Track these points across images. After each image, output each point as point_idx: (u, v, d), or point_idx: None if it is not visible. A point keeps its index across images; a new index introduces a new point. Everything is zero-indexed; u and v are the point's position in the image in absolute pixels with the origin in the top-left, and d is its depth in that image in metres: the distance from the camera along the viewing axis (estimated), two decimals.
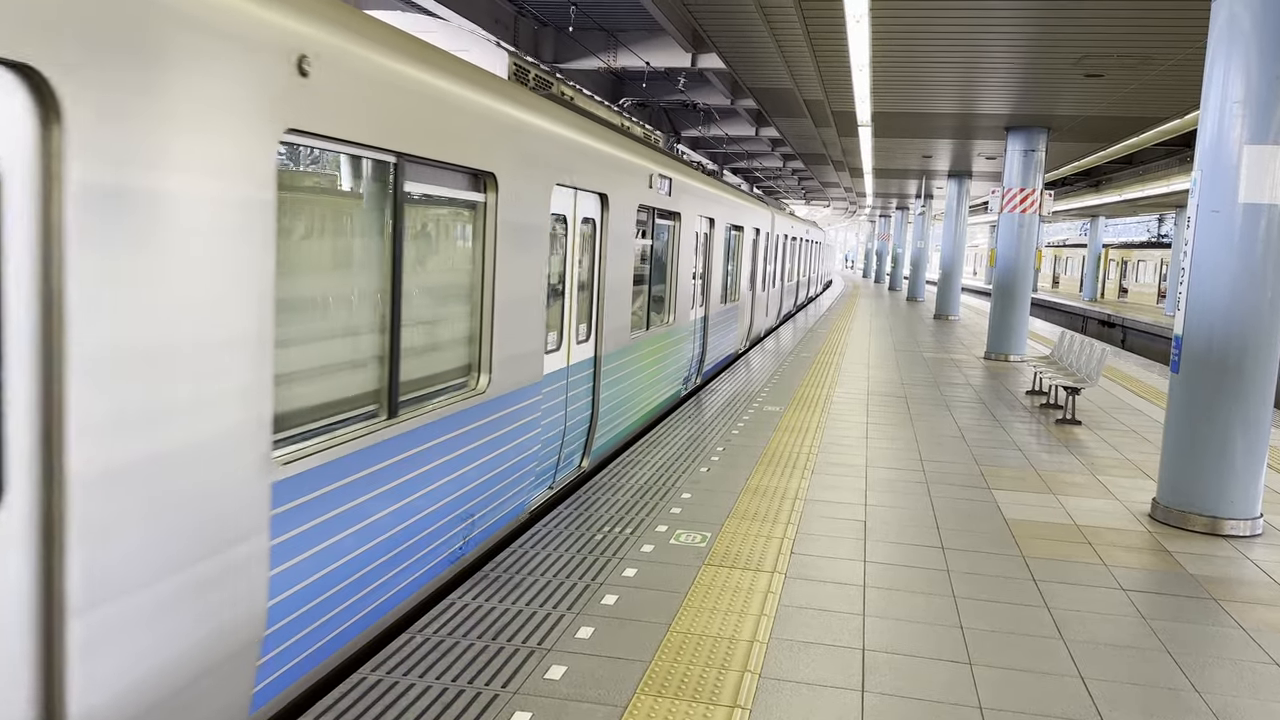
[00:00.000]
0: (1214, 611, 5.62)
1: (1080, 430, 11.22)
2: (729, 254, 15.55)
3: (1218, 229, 7.15)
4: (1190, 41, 10.90)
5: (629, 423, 9.57)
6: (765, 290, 21.30)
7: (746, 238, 17.23)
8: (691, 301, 12.54)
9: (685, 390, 12.88)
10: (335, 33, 3.78)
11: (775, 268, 22.75)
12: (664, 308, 11.05)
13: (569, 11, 15.95)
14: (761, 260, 20.30)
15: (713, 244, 13.90)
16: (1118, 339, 36.97)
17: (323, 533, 3.99)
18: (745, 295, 18.28)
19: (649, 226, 9.91)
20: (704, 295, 13.63)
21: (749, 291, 18.58)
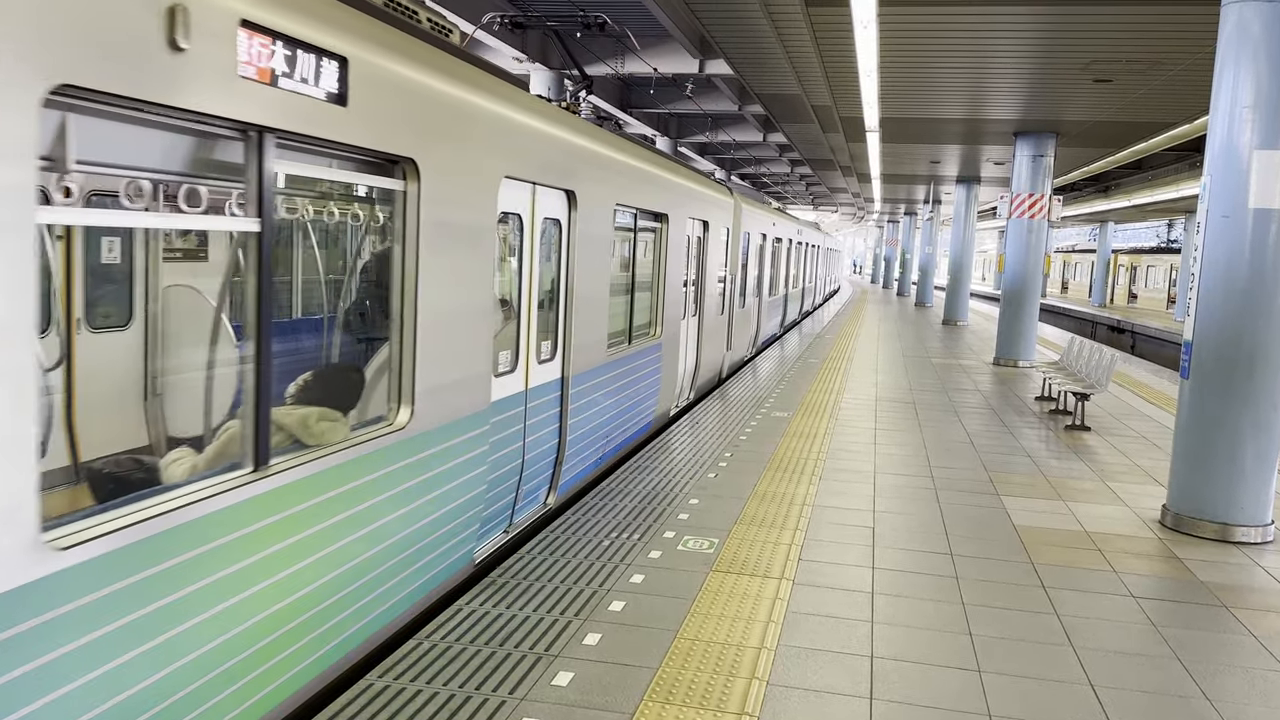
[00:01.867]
0: (1224, 619, 5.59)
1: (1089, 436, 11.17)
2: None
3: (1228, 234, 7.12)
4: (1199, 46, 10.87)
5: (607, 450, 8.55)
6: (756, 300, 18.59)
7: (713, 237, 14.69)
8: (683, 311, 11.54)
9: (676, 408, 11.94)
10: None
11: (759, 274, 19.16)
12: (652, 319, 10.12)
13: (577, 18, 15.96)
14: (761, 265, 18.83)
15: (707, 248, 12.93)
16: (1127, 345, 36.84)
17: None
18: (751, 302, 17.37)
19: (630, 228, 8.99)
20: (698, 303, 12.58)
21: (752, 299, 17.28)
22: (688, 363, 12.30)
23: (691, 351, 12.54)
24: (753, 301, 18.28)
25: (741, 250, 15.67)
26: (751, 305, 18.16)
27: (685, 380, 12.27)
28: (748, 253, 16.82)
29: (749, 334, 18.18)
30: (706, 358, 13.47)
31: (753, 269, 17.80)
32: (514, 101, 5.66)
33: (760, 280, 18.81)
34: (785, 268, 22.90)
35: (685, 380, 12.27)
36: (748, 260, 16.84)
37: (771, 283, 20.51)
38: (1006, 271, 18.81)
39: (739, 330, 16.59)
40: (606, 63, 18.04)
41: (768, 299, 20.28)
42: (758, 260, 18.56)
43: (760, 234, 18.10)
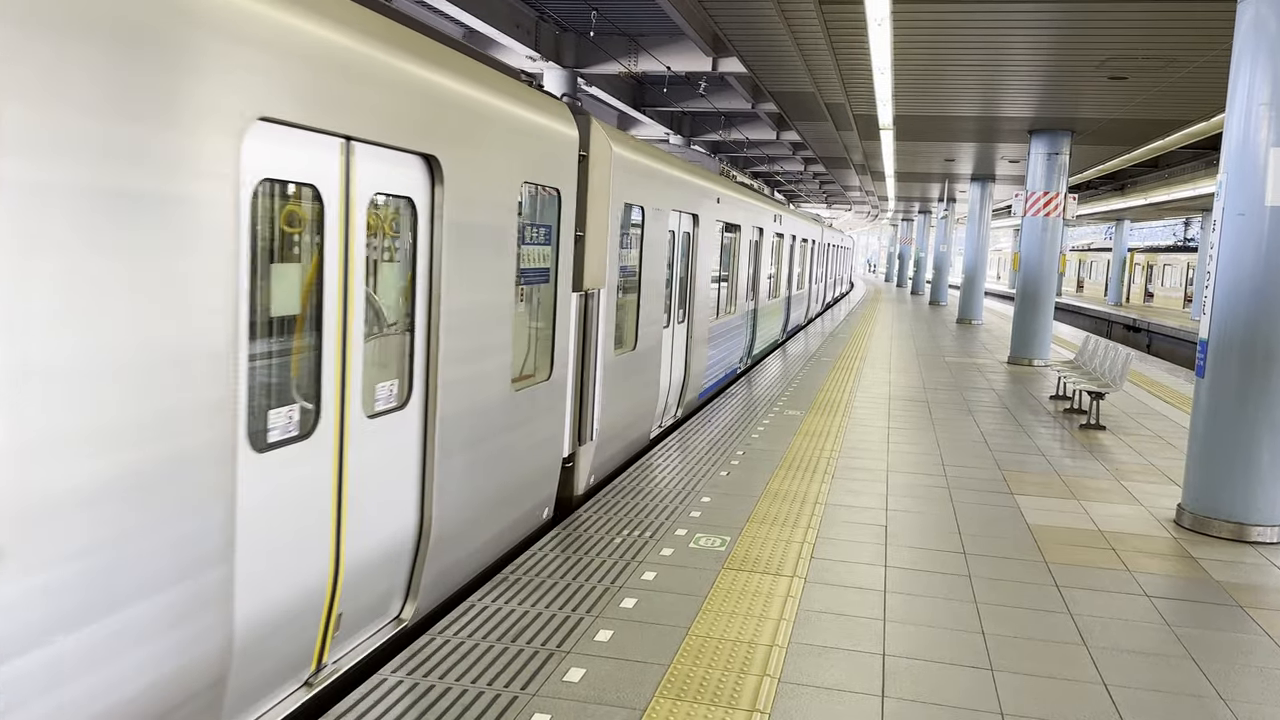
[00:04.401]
0: (1240, 618, 5.56)
1: (1104, 435, 11.12)
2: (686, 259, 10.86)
3: (1244, 232, 7.08)
4: (1216, 43, 10.80)
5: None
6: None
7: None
8: (667, 319, 9.95)
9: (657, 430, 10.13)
10: None
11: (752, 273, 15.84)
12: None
13: (590, 16, 16.00)
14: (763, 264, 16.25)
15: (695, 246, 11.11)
16: (1143, 344, 36.63)
17: None
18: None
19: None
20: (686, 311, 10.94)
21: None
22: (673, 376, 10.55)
23: (679, 364, 10.83)
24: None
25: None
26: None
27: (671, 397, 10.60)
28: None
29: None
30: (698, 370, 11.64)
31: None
32: None
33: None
34: (758, 269, 16.79)
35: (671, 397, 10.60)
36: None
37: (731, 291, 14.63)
38: (1021, 270, 18.74)
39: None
40: (619, 61, 18.05)
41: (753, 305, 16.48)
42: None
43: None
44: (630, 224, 8.26)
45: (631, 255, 8.38)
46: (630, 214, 8.20)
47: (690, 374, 11.35)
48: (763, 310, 17.60)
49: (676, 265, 10.35)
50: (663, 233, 9.21)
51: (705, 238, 11.47)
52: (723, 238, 13.15)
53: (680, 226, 10.37)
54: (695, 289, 11.26)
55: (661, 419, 10.38)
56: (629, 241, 8.22)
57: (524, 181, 5.68)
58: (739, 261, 14.55)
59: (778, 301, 19.84)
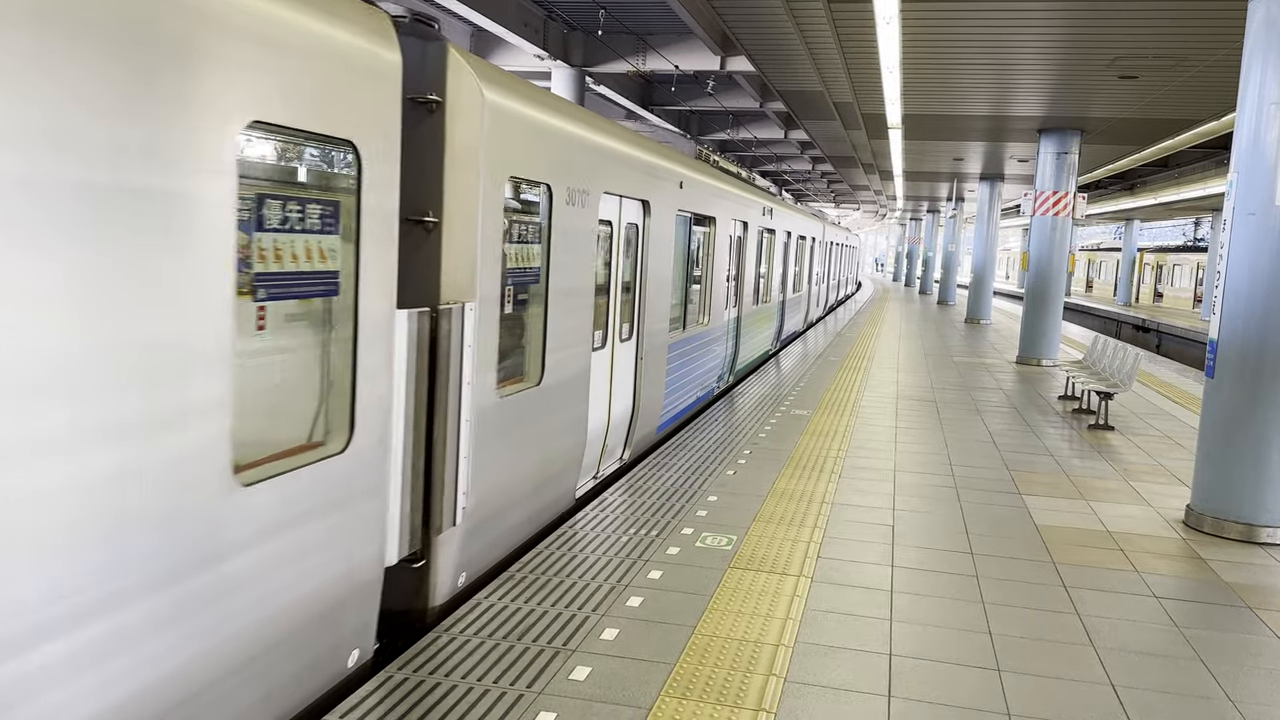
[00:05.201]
0: (1249, 620, 5.53)
1: (1113, 436, 11.08)
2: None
3: (1254, 232, 7.04)
4: (1226, 42, 10.75)
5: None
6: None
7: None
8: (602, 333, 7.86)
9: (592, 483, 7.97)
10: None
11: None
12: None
13: (598, 15, 16.00)
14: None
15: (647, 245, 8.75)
16: (1152, 344, 36.50)
17: None
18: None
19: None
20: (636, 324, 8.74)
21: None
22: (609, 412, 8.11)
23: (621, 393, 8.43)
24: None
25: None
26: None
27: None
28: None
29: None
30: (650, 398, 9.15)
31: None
32: None
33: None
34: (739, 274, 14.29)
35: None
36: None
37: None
38: (1030, 270, 18.68)
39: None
40: (627, 60, 18.04)
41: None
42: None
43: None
44: (526, 210, 5.97)
45: (534, 254, 6.07)
46: (525, 194, 5.96)
47: (642, 405, 8.94)
48: (749, 318, 15.25)
49: (618, 267, 8.06)
50: (587, 223, 6.83)
51: (661, 231, 9.05)
52: (690, 233, 10.84)
53: (622, 217, 8.03)
54: (647, 297, 8.80)
55: (598, 468, 8.03)
56: (526, 234, 5.91)
57: (249, 123, 3.32)
58: (714, 262, 12.04)
59: (768, 307, 17.38)
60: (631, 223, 8.35)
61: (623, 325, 8.35)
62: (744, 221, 13.88)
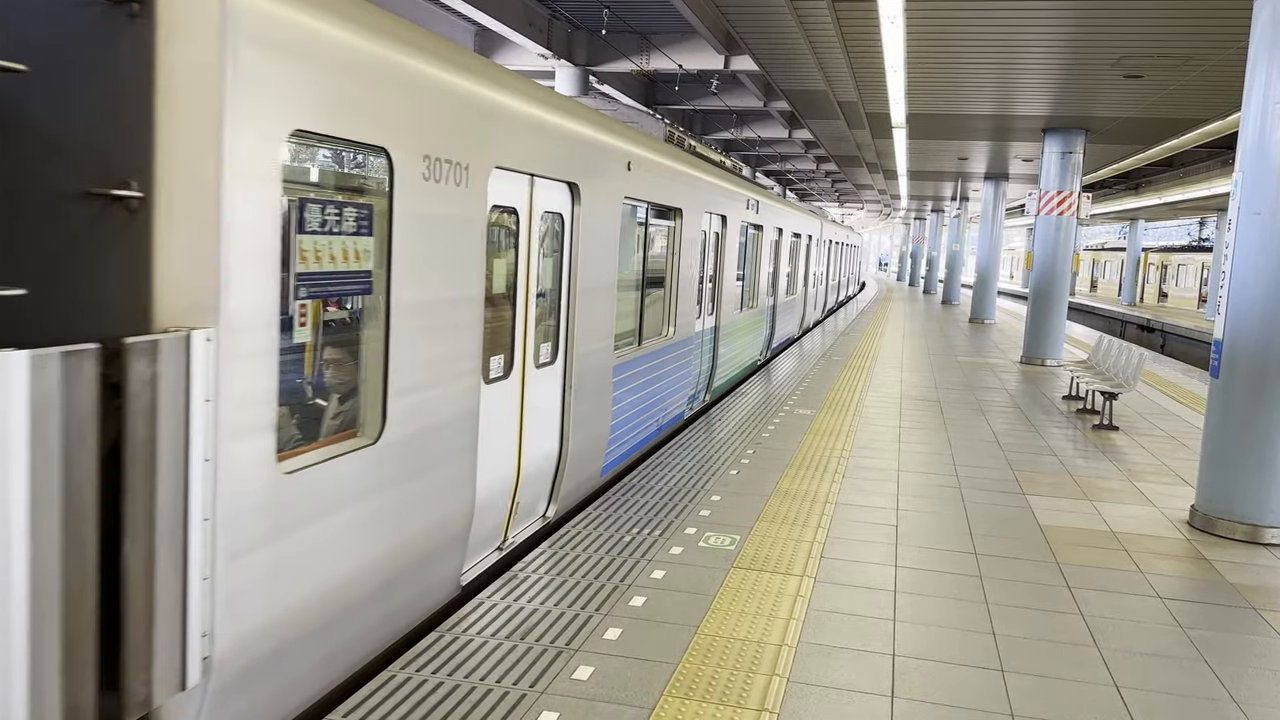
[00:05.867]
0: (1253, 620, 5.52)
1: (1117, 436, 11.06)
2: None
3: (1259, 232, 7.02)
4: (1232, 41, 10.72)
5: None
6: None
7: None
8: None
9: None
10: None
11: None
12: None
13: (602, 14, 16.00)
14: None
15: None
16: (1157, 344, 36.42)
17: None
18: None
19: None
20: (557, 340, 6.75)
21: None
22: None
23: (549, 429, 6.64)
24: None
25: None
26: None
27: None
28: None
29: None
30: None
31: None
32: None
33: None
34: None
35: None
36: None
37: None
38: (1034, 269, 18.65)
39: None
40: (631, 59, 18.04)
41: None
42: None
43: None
44: (343, 186, 4.35)
45: (362, 252, 4.18)
46: (334, 160, 4.27)
47: (575, 446, 6.98)
48: (731, 327, 13.38)
49: (530, 271, 6.09)
50: (466, 209, 4.92)
51: (599, 225, 7.13)
52: (648, 227, 9.07)
53: (535, 203, 6.08)
54: (578, 309, 6.85)
55: (504, 535, 6.09)
56: (342, 222, 4.05)
57: None
58: (681, 262, 10.12)
59: (755, 314, 15.62)
60: (552, 212, 6.40)
61: (540, 346, 6.36)
62: (722, 215, 12.10)
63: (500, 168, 5.38)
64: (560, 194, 6.53)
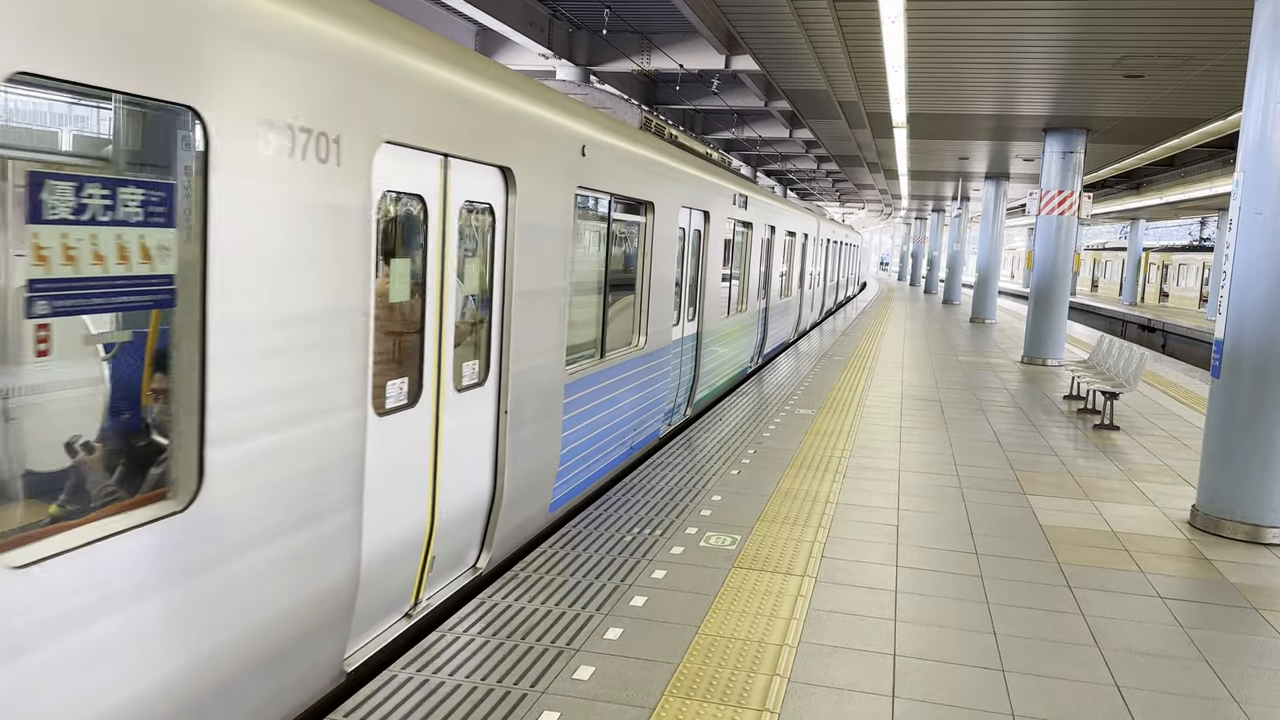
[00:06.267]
0: (1254, 620, 5.51)
1: (1118, 436, 11.06)
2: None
3: (1260, 232, 7.02)
4: (1233, 41, 10.72)
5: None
6: None
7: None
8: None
9: None
10: None
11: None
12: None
13: (603, 14, 16.00)
14: None
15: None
16: (1158, 344, 36.41)
17: None
18: None
19: None
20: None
21: None
22: None
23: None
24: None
25: None
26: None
27: None
28: None
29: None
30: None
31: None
32: None
33: None
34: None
35: None
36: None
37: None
38: (1035, 269, 18.65)
39: None
40: (632, 59, 18.04)
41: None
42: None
43: None
44: (114, 153, 3.29)
45: (155, 245, 3.14)
46: (119, 124, 3.22)
47: (513, 480, 5.90)
48: (716, 334, 12.29)
49: (440, 272, 4.93)
50: (335, 193, 3.83)
51: (541, 217, 6.01)
52: (609, 222, 7.95)
53: (449, 190, 4.96)
54: (513, 319, 5.71)
55: (414, 598, 5.02)
56: (111, 208, 2.94)
57: None
58: (654, 262, 8.91)
59: (745, 318, 14.61)
60: (475, 201, 5.30)
61: (464, 365, 5.35)
62: (705, 211, 10.97)
63: (393, 143, 4.26)
64: (489, 181, 5.42)
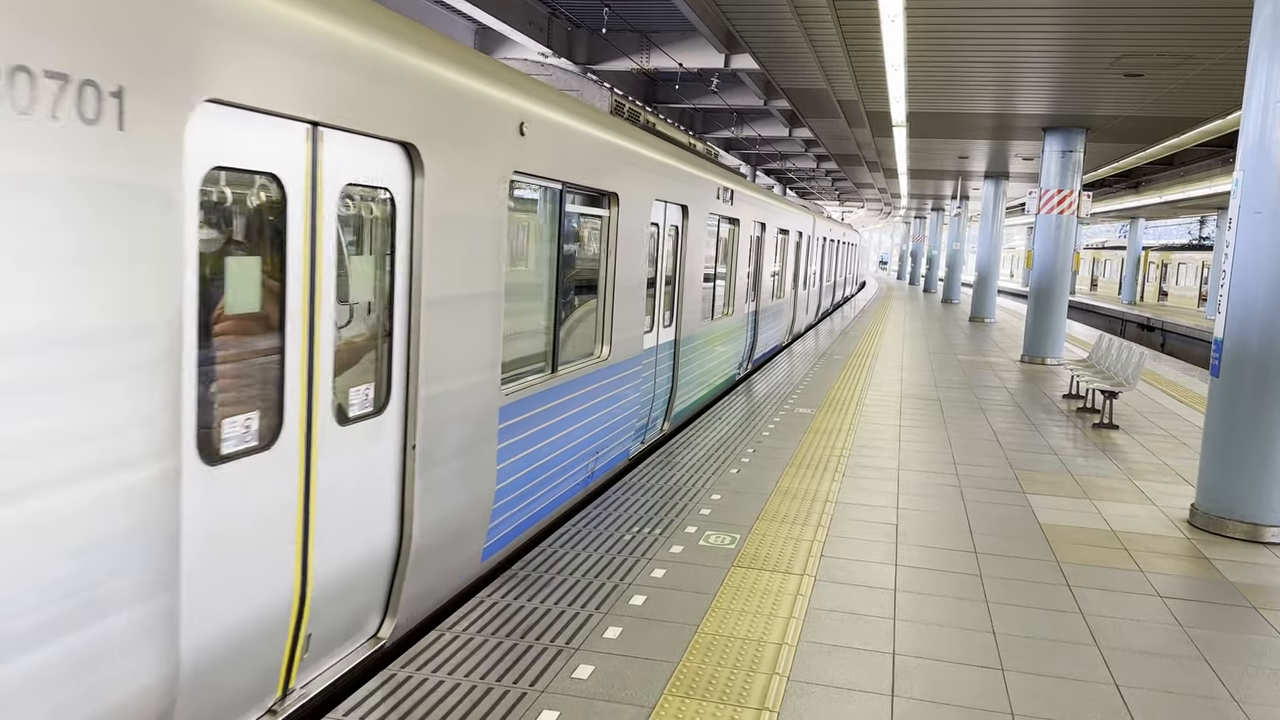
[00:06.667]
0: (1253, 619, 5.52)
1: (1117, 435, 11.06)
2: None
3: (1260, 230, 7.02)
4: (1232, 40, 10.72)
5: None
6: None
7: None
8: None
9: None
10: None
11: None
12: None
13: (602, 13, 15.99)
14: None
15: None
16: (1157, 343, 36.43)
17: None
18: None
19: None
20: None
21: None
22: None
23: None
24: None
25: None
26: None
27: None
28: None
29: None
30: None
31: None
32: None
33: None
34: None
35: None
36: None
37: None
38: (1035, 268, 18.65)
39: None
40: (631, 58, 18.03)
41: None
42: None
43: None
44: None
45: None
46: None
47: (420, 529, 4.73)
48: (697, 340, 11.18)
49: (306, 273, 3.85)
50: (106, 167, 2.74)
51: (452, 207, 4.82)
52: (560, 215, 6.61)
53: (321, 169, 3.90)
54: (421, 329, 4.61)
55: (276, 693, 3.94)
56: None
57: None
58: (618, 263, 7.70)
59: (731, 322, 13.40)
60: (363, 185, 4.16)
61: (350, 391, 4.20)
62: (682, 205, 9.77)
63: (221, 103, 3.23)
64: (384, 160, 4.27)
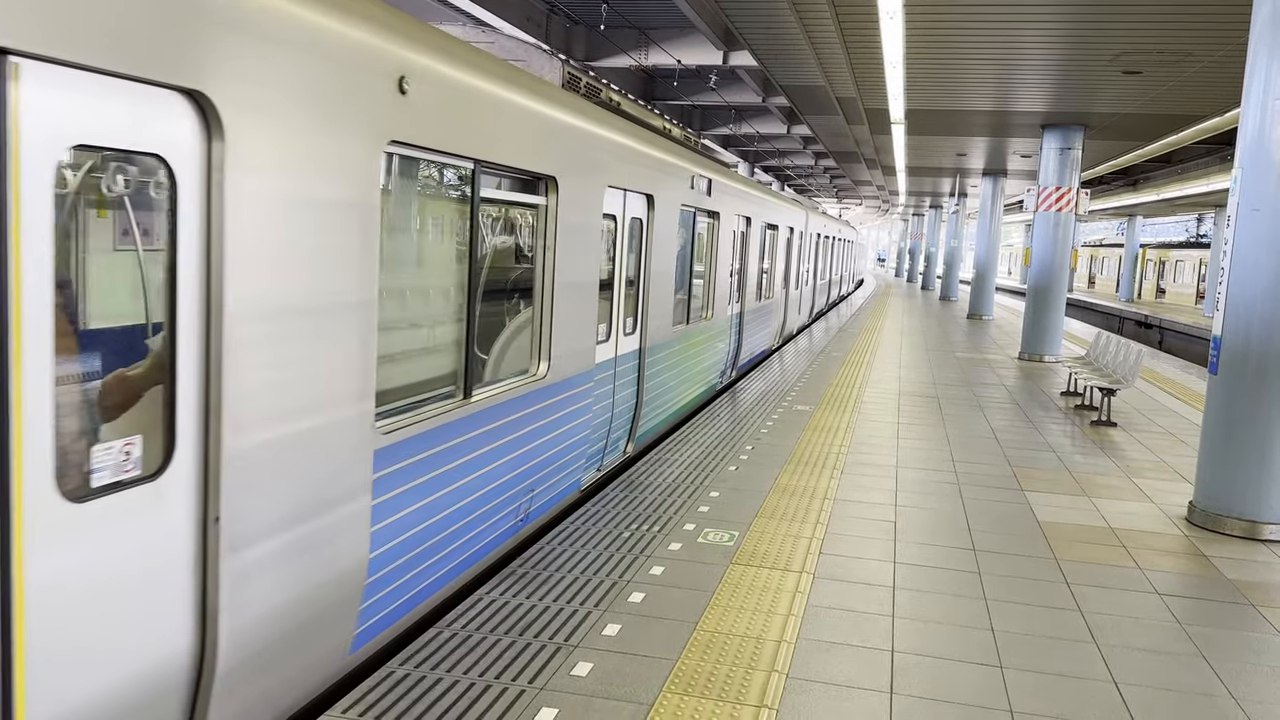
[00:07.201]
0: (1251, 617, 5.52)
1: (1116, 432, 11.07)
2: None
3: (1258, 228, 7.02)
4: (1231, 37, 10.72)
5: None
6: None
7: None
8: None
9: None
10: None
11: None
12: None
13: (600, 9, 15.97)
14: None
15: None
16: (1155, 340, 36.45)
17: None
18: None
19: None
20: None
21: None
22: None
23: None
24: None
25: None
26: None
27: None
28: None
29: None
30: None
31: None
32: None
33: None
34: None
35: None
36: None
37: None
38: (1033, 266, 18.66)
39: None
40: (630, 54, 18.01)
41: None
42: None
43: None
44: None
45: None
46: None
47: (232, 631, 3.34)
48: (670, 348, 9.89)
49: (14, 282, 2.47)
50: None
51: (283, 184, 3.44)
52: (473, 203, 5.19)
53: (29, 124, 2.46)
54: (224, 356, 3.23)
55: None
56: None
57: None
58: (556, 261, 6.37)
59: (711, 326, 12.12)
60: (111, 149, 2.81)
61: (92, 451, 2.83)
62: (646, 194, 8.50)
63: None
64: (151, 114, 2.93)
